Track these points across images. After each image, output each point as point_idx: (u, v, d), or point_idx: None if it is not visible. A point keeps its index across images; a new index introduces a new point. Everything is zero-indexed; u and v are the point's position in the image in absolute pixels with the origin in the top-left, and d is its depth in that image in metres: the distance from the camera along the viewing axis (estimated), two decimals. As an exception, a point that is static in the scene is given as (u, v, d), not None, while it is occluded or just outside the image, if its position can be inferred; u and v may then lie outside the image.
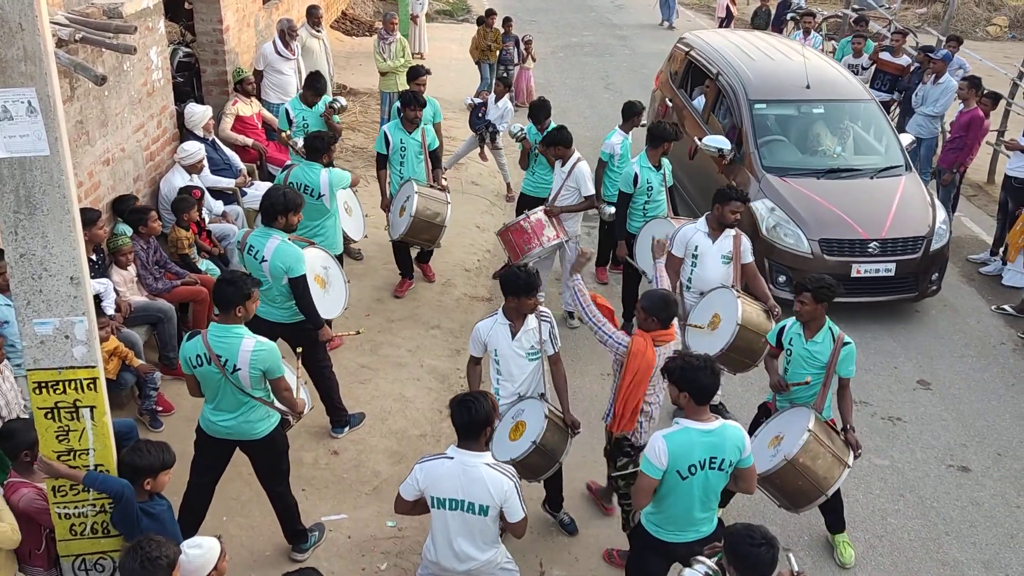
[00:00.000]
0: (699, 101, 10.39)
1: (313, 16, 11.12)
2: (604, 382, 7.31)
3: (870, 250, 8.13)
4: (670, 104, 10.92)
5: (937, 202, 8.77)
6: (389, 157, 7.90)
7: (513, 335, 5.12)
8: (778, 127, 9.32)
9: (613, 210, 8.26)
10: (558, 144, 7.66)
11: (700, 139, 9.00)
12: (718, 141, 8.70)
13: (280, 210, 5.75)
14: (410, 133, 7.83)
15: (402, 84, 11.43)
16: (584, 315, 5.24)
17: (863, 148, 9.38)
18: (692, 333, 6.32)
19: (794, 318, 5.45)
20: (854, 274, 8.10)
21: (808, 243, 8.10)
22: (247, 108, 9.15)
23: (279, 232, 5.76)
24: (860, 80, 12.01)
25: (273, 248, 5.69)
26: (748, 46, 10.43)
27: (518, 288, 5.01)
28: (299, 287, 5.75)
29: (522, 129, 8.40)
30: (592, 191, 7.70)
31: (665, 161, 7.64)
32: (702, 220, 6.47)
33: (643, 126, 8.90)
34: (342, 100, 8.78)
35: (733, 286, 6.24)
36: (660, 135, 7.43)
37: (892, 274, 8.19)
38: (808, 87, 9.35)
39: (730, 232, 6.32)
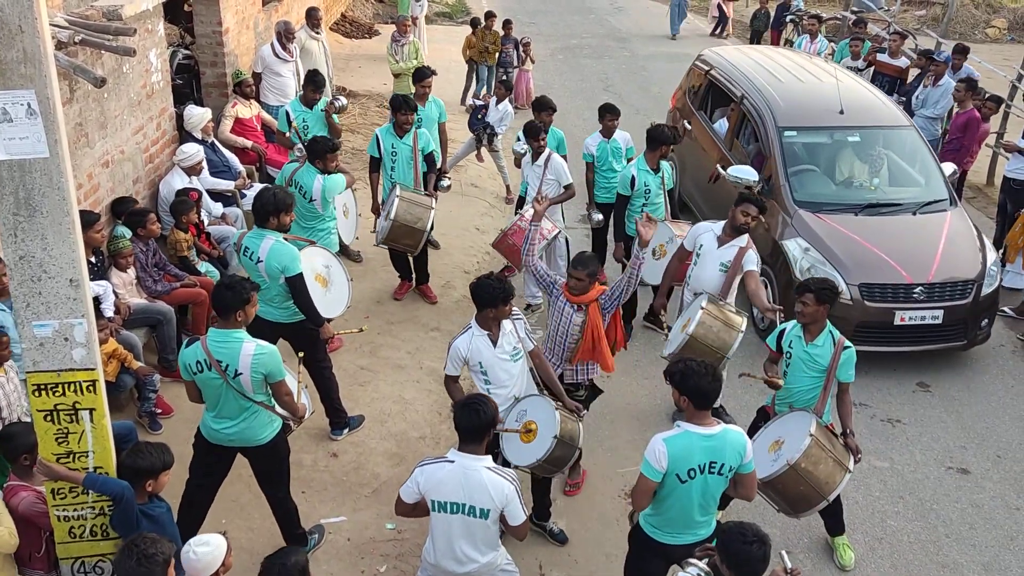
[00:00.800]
0: (721, 124, 9.75)
1: (312, 18, 11.12)
2: (603, 384, 7.29)
3: (915, 296, 7.37)
4: (689, 127, 10.19)
5: (987, 241, 8.10)
6: (382, 161, 7.88)
7: (494, 343, 5.11)
8: (810, 157, 8.59)
9: (601, 217, 8.29)
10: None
11: (724, 168, 8.48)
12: (745, 172, 8.01)
13: (271, 210, 5.74)
14: (401, 138, 7.78)
15: (410, 87, 11.52)
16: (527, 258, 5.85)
17: (903, 179, 8.63)
18: (672, 331, 6.30)
19: (795, 321, 5.44)
20: (898, 322, 7.37)
21: (847, 288, 7.27)
22: (246, 110, 9.16)
23: (273, 232, 5.76)
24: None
25: (268, 248, 5.69)
26: (774, 66, 9.73)
27: (496, 298, 4.98)
28: (296, 286, 5.75)
29: (527, 150, 8.32)
30: (571, 180, 7.92)
31: (665, 164, 7.64)
32: (721, 223, 6.43)
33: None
34: (343, 99, 8.78)
35: (719, 296, 6.20)
36: (658, 138, 7.45)
37: (939, 322, 7.43)
38: (842, 112, 8.61)
39: (739, 242, 6.26)
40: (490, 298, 4.98)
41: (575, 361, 5.59)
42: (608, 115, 8.22)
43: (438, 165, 8.39)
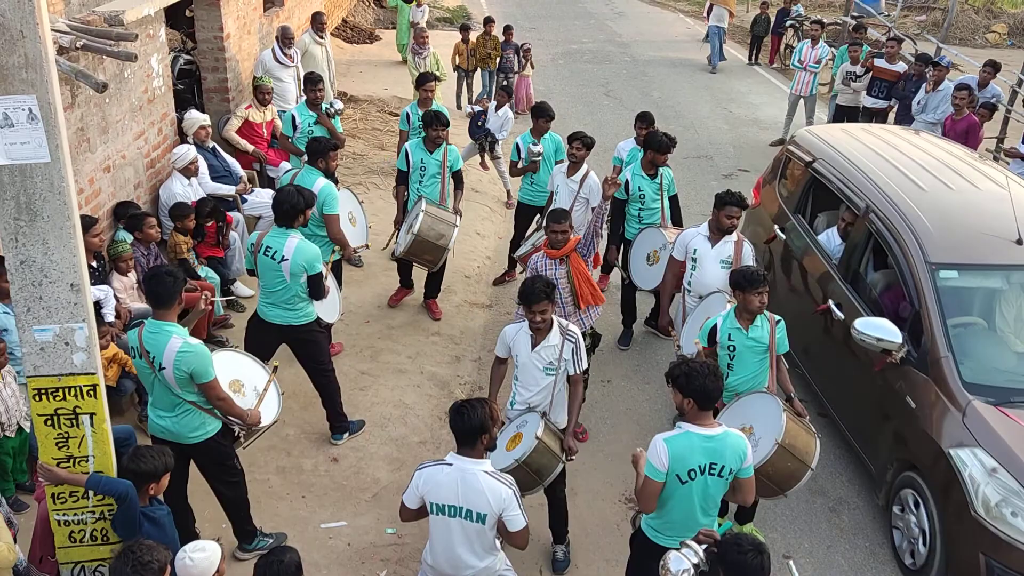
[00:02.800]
0: (829, 238, 6.97)
1: (317, 22, 11.14)
2: (605, 389, 7.31)
3: None
4: (781, 234, 7.43)
5: None
6: (409, 175, 7.77)
7: (533, 346, 5.11)
8: (977, 308, 5.82)
9: None
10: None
11: (840, 307, 6.28)
12: (882, 330, 5.56)
13: (301, 208, 5.82)
14: (431, 153, 7.70)
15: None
16: None
17: None
18: (685, 336, 6.33)
19: (726, 313, 5.45)
20: None
21: None
22: (258, 115, 9.19)
23: (295, 231, 5.83)
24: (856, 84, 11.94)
25: (294, 247, 5.73)
26: (905, 160, 6.92)
27: (539, 295, 4.98)
28: (315, 284, 5.84)
29: (542, 149, 8.26)
30: (600, 201, 7.71)
31: (667, 171, 7.53)
32: (704, 224, 6.47)
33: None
34: (338, 104, 8.77)
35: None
36: (649, 143, 7.41)
37: None
38: (1021, 241, 5.81)
39: (731, 237, 6.34)
40: (532, 294, 4.97)
41: (583, 307, 6.11)
42: (639, 123, 8.12)
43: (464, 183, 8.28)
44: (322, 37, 11.13)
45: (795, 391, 5.53)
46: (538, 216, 7.85)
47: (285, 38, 10.03)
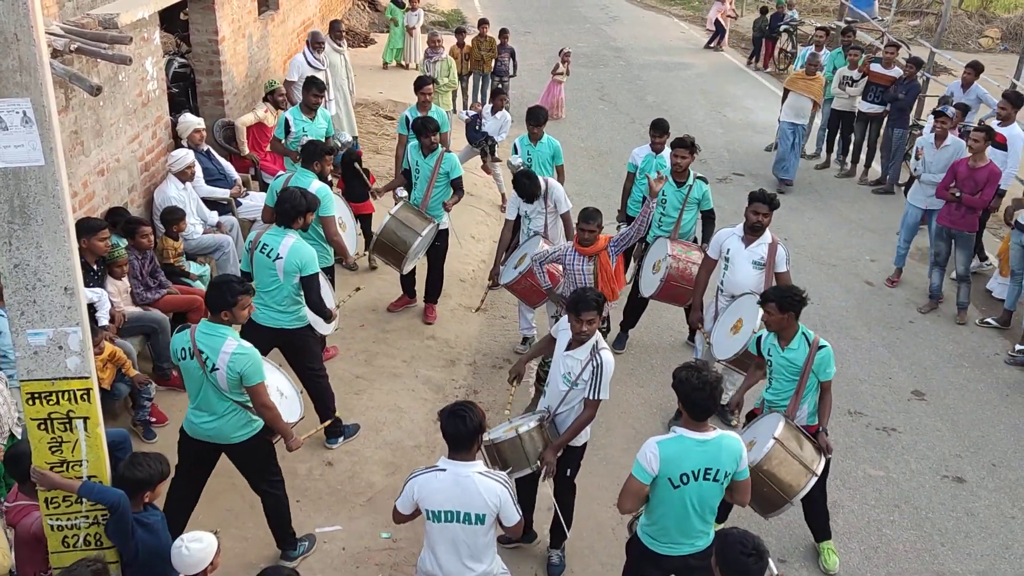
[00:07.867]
0: None
1: (335, 30, 11.11)
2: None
3: None
4: None
5: None
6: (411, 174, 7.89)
7: (567, 348, 5.08)
8: None
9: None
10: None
11: None
12: None
13: (302, 210, 5.86)
14: (425, 157, 7.73)
15: (444, 102, 11.59)
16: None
17: None
18: (716, 335, 6.32)
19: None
20: None
21: None
22: (272, 119, 9.22)
23: (294, 232, 5.84)
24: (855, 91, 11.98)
25: (289, 246, 5.74)
26: None
27: (599, 303, 4.96)
28: (310, 285, 5.82)
29: (522, 163, 8.22)
30: (569, 206, 7.55)
31: (699, 184, 7.39)
32: (740, 225, 6.44)
33: None
34: (345, 136, 8.62)
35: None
36: (674, 141, 7.37)
37: None
38: None
39: (765, 239, 6.31)
40: (583, 302, 4.92)
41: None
42: (653, 132, 7.95)
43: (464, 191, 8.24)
44: (340, 45, 11.12)
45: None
46: (521, 233, 7.73)
47: (316, 42, 10.16)
